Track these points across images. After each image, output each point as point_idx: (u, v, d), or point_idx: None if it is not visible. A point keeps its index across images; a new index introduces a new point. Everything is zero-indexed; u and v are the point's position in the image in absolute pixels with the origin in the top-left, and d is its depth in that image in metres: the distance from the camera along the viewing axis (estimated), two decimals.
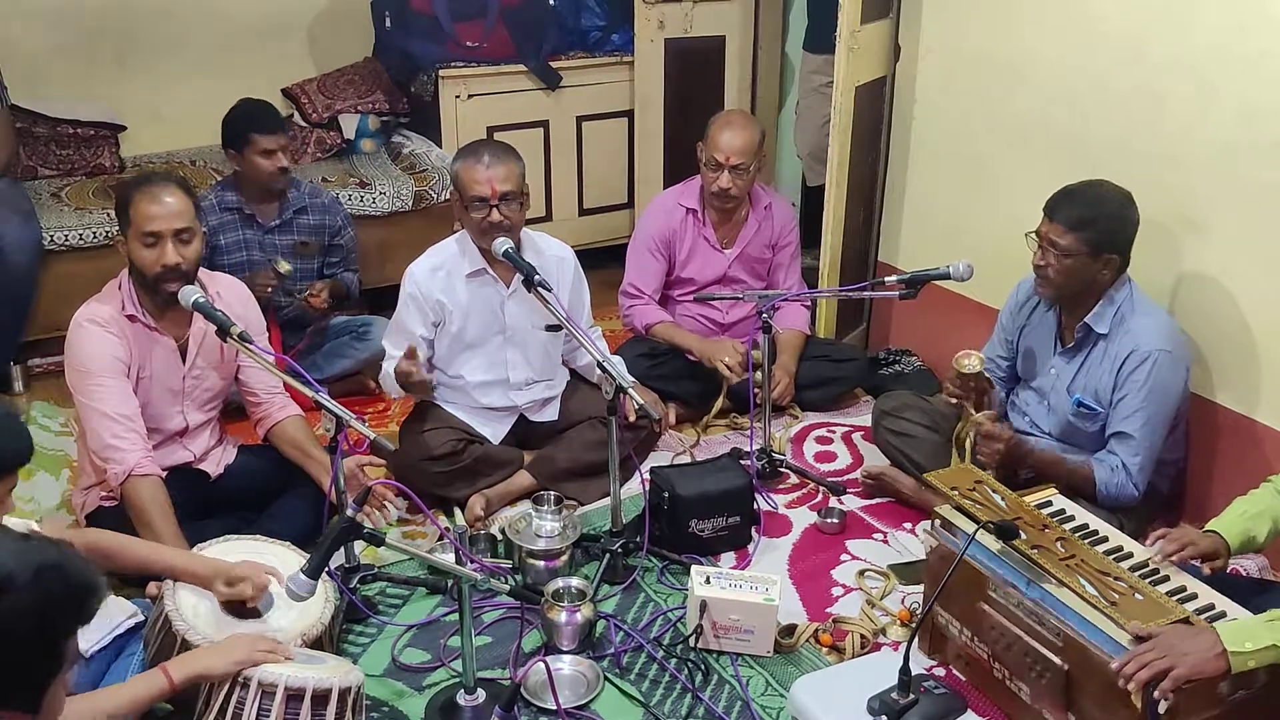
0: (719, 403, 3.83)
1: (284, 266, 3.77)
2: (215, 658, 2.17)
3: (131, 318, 2.87)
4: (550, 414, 3.52)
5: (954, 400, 3.07)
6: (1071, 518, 2.65)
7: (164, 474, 2.85)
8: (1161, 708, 2.12)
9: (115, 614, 2.36)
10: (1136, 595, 2.30)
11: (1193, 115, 3.10)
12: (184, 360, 2.96)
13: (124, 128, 4.68)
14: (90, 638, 2.29)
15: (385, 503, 2.96)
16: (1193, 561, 2.45)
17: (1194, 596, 2.35)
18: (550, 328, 3.36)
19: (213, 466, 3.09)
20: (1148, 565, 2.46)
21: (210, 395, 3.06)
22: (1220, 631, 2.12)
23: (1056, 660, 2.35)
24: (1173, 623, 2.21)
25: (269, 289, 3.71)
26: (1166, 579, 2.42)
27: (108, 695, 2.11)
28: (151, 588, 2.55)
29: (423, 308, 3.27)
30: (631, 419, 3.13)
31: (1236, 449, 3.14)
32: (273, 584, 2.42)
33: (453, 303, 3.29)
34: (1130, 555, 2.50)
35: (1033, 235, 2.98)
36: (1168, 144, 3.18)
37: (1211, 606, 2.31)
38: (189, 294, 2.74)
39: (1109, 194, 2.93)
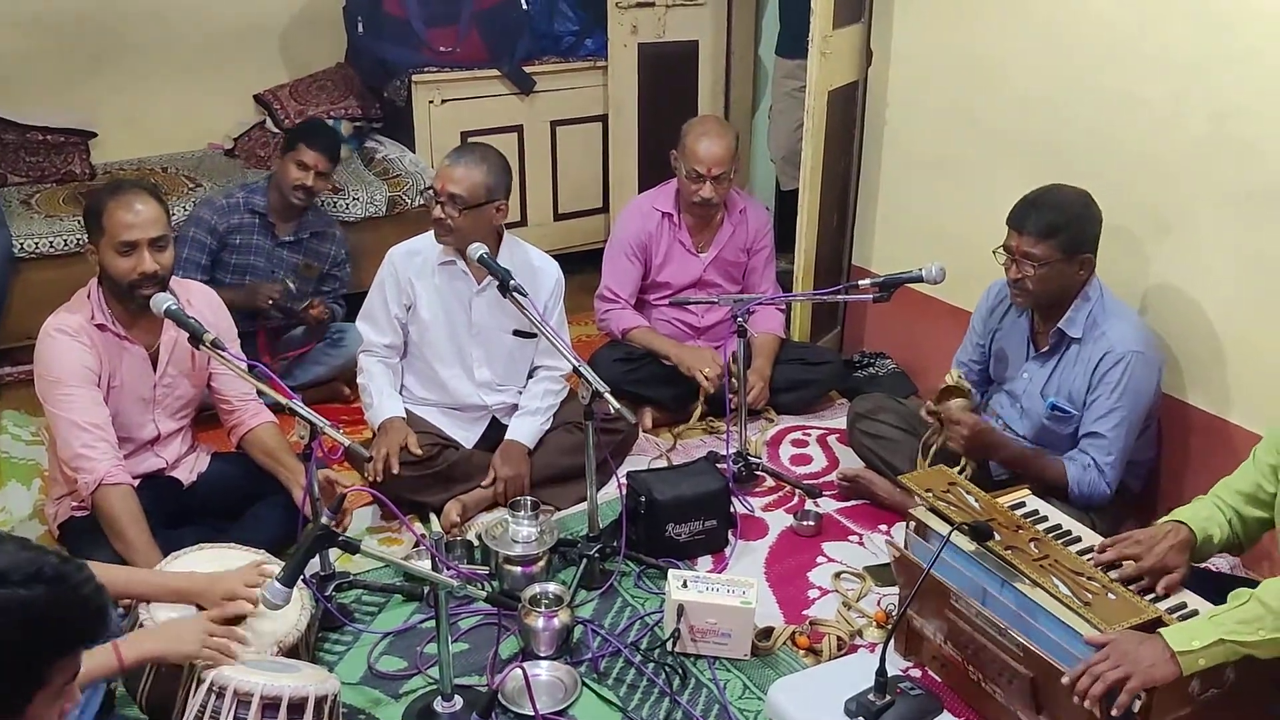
0: (697, 411, 3.84)
1: (291, 286, 3.85)
2: (168, 644, 2.16)
3: (101, 326, 2.84)
4: None
5: (931, 417, 3.08)
6: (1045, 518, 2.66)
7: (135, 482, 2.83)
8: (1135, 706, 2.14)
9: None
10: (1109, 595, 2.32)
11: (1166, 116, 3.13)
12: (155, 369, 2.94)
13: (95, 134, 4.65)
14: None
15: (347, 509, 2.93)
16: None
17: (1165, 595, 2.37)
18: (519, 333, 3.36)
19: (185, 474, 3.07)
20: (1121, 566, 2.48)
21: (182, 403, 3.04)
22: (1166, 636, 2.13)
23: (1021, 669, 2.37)
24: (1142, 623, 2.23)
25: (270, 300, 3.80)
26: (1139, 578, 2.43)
27: None
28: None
29: (396, 287, 3.33)
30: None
31: (1208, 448, 3.17)
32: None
33: (423, 287, 3.33)
34: None
35: (1000, 251, 3.00)
36: (1141, 145, 3.20)
37: (1184, 605, 2.33)
38: (161, 301, 2.72)
39: (1070, 195, 2.96)
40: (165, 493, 2.98)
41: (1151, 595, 2.35)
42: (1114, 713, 2.12)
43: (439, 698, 2.50)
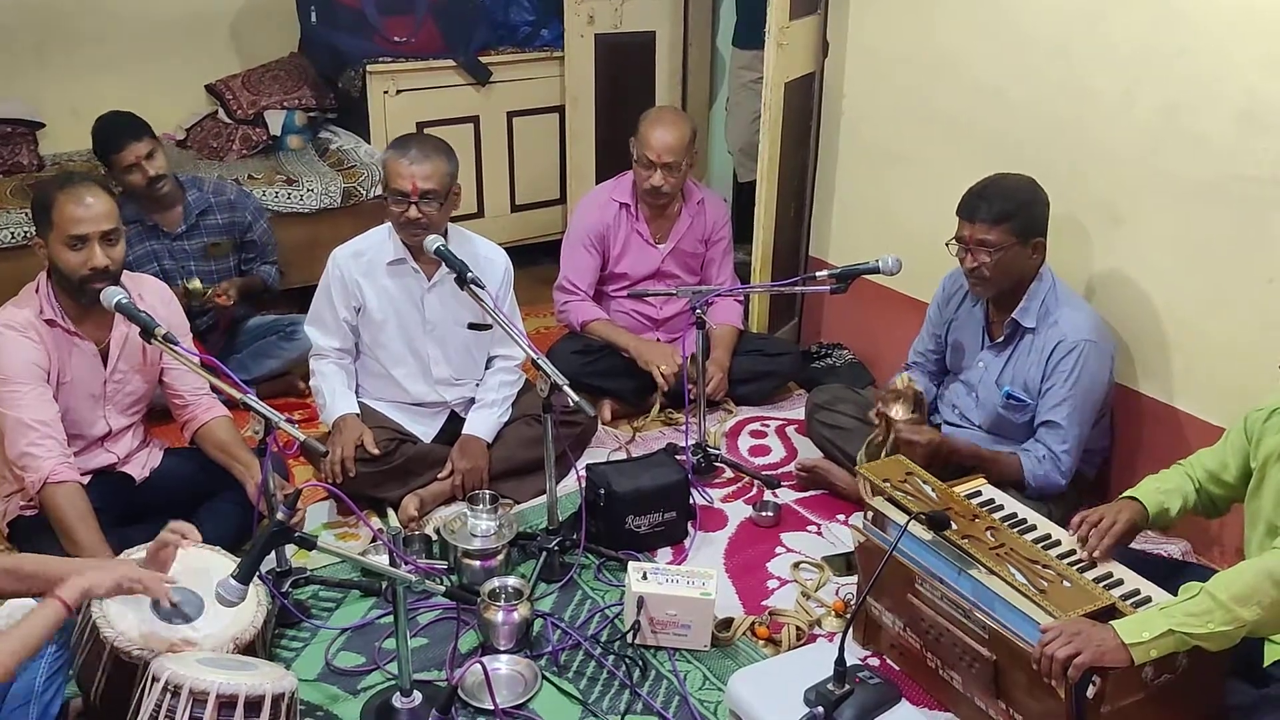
0: (656, 405, 3.84)
1: (195, 284, 3.67)
2: (98, 574, 2.17)
3: (50, 322, 2.80)
4: None
5: (879, 418, 3.04)
6: (1000, 507, 2.68)
7: (85, 479, 2.79)
8: (1089, 691, 2.16)
9: (15, 613, 2.29)
10: (1064, 583, 2.34)
11: (1117, 108, 3.16)
12: (105, 364, 2.90)
13: (43, 125, 4.57)
14: None
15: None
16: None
17: (1120, 582, 2.40)
18: (474, 326, 3.34)
19: (137, 470, 3.03)
20: (1076, 553, 2.50)
21: (133, 399, 3.00)
22: (1118, 626, 2.16)
23: (984, 651, 2.39)
24: (1097, 610, 2.25)
25: None
26: (1093, 565, 2.46)
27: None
28: None
29: (343, 290, 3.28)
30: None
31: (1160, 436, 3.21)
32: (204, 590, 2.37)
33: (372, 288, 3.29)
34: (1059, 543, 2.54)
35: (953, 243, 3.02)
36: (1093, 136, 3.23)
37: (1137, 592, 2.36)
38: (111, 295, 2.67)
39: (1016, 182, 3.00)
40: (117, 489, 2.95)
41: (1106, 581, 2.38)
42: (1059, 688, 2.14)
43: (398, 693, 2.48)
